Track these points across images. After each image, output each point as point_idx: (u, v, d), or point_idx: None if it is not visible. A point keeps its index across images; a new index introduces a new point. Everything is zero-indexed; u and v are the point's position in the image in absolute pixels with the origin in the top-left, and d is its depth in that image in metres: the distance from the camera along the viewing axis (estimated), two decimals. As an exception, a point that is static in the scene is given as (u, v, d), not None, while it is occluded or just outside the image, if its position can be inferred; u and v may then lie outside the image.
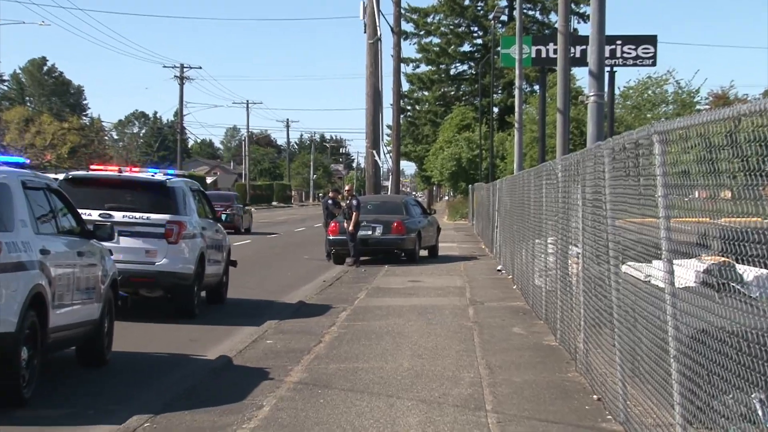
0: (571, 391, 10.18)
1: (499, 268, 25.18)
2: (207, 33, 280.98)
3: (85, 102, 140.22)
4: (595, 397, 9.75)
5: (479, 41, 73.57)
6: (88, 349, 11.42)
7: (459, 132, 67.44)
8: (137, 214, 15.47)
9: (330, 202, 29.26)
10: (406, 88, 75.46)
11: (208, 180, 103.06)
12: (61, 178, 16.09)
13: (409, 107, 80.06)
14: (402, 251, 28.09)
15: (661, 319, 6.76)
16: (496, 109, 68.84)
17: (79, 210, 12.30)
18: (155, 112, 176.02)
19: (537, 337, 13.94)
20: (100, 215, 15.18)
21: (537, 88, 55.43)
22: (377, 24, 41.21)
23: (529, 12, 69.46)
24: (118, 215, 15.35)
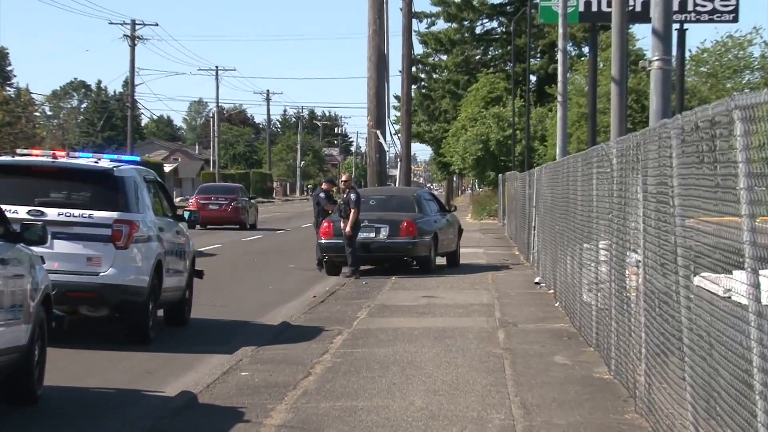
0: (630, 437, 10.18)
1: (537, 280, 25.20)
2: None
3: (9, 69, 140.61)
4: (659, 444, 9.76)
5: (513, -10, 73.65)
6: (13, 383, 11.32)
7: (486, 107, 67.53)
8: (76, 212, 15.48)
9: (322, 196, 29.31)
10: (419, 51, 75.60)
11: (167, 168, 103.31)
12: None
13: (423, 75, 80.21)
14: (413, 259, 28.12)
15: (745, 345, 6.75)
16: (533, 77, 68.94)
17: (2, 206, 12.31)
18: (99, 82, 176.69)
19: (585, 368, 13.94)
20: (29, 213, 15.19)
21: (586, 50, 55.41)
22: (382, -31, 41.27)
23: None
24: (51, 213, 15.36)
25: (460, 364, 14.22)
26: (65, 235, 15.34)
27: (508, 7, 73.87)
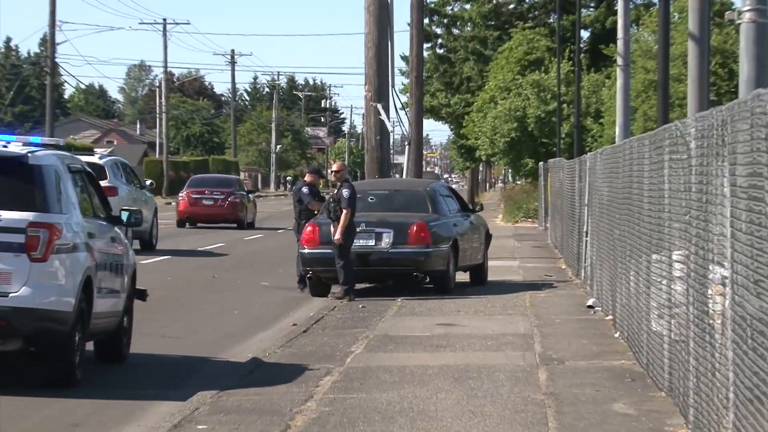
0: None
1: (590, 302, 25.22)
2: None
3: None
4: None
5: None
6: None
7: (523, 72, 67.51)
8: (-21, 212, 15.50)
9: (305, 191, 29.27)
10: (433, -2, 75.61)
11: (98, 153, 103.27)
12: None
13: (439, 30, 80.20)
14: (426, 274, 28.12)
15: None
16: (586, 33, 68.89)
17: None
18: (7, 40, 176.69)
19: (654, 419, 13.97)
20: None
21: (655, -2, 55.32)
22: None
23: None
24: (-54, 214, 15.38)
25: (488, 414, 14.24)
26: (-39, 245, 15.34)
27: (552, -59, 74.02)
